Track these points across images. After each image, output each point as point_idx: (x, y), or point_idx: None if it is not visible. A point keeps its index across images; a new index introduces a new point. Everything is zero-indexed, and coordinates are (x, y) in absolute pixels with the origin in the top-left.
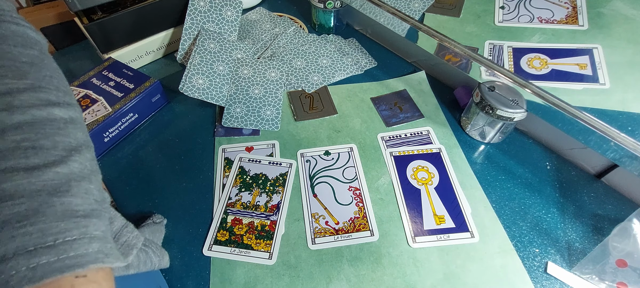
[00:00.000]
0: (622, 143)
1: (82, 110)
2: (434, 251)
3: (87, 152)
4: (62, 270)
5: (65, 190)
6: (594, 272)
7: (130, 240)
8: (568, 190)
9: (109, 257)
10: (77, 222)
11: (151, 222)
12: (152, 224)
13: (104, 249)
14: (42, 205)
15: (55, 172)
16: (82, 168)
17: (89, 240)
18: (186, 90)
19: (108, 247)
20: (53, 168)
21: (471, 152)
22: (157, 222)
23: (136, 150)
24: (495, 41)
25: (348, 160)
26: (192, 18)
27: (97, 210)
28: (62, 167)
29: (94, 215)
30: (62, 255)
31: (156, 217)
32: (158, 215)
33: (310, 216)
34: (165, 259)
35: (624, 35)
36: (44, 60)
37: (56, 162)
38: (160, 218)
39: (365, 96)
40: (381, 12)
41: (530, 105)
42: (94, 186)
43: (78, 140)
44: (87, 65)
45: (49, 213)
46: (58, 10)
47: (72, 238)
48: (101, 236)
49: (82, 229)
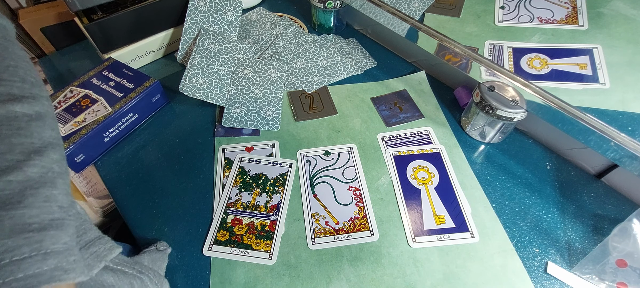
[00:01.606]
0: (622, 143)
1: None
2: (434, 251)
3: (53, 153)
4: None
5: (17, 202)
6: (594, 272)
7: (100, 251)
8: (568, 190)
9: (69, 273)
10: (28, 237)
11: (154, 249)
12: (155, 251)
13: (62, 265)
14: None
15: (6, 182)
16: (44, 173)
17: (43, 257)
18: (186, 90)
19: (70, 261)
20: (4, 176)
21: (471, 152)
22: (160, 249)
23: (136, 150)
24: (495, 41)
25: (348, 160)
26: (192, 18)
27: (58, 220)
28: (16, 174)
29: (53, 227)
30: (8, 277)
31: (160, 244)
32: (163, 243)
33: (310, 216)
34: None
35: (624, 35)
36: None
37: (9, 168)
38: (165, 246)
39: (365, 96)
40: (381, 12)
41: (530, 105)
42: (59, 191)
43: (43, 139)
44: (87, 65)
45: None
46: (58, 10)
47: (22, 257)
48: (60, 250)
49: (35, 245)
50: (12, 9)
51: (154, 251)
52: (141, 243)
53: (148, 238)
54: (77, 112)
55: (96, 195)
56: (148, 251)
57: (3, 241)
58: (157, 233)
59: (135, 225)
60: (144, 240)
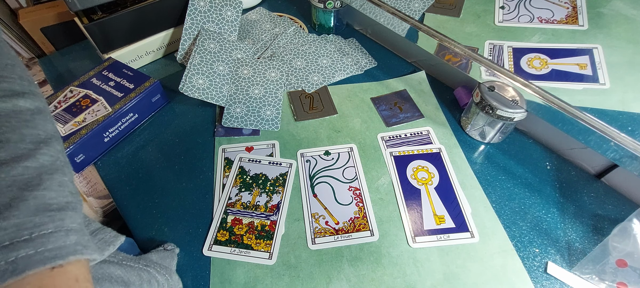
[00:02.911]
0: (622, 143)
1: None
2: (434, 251)
3: (57, 144)
4: (44, 262)
5: (37, 184)
6: (594, 272)
7: (107, 237)
8: (568, 190)
9: (87, 249)
10: (52, 215)
11: (161, 249)
12: (163, 251)
13: (82, 241)
14: (14, 200)
15: (24, 167)
16: (54, 161)
17: (66, 232)
18: (186, 90)
19: (85, 240)
20: (22, 162)
21: (471, 152)
22: (168, 249)
23: (136, 150)
24: (495, 41)
25: (348, 160)
26: (192, 18)
27: (72, 203)
28: (32, 161)
29: (70, 208)
30: (41, 248)
31: (168, 245)
32: (170, 244)
33: (310, 216)
34: (174, 278)
35: (624, 35)
36: (2, 47)
37: (25, 155)
38: (172, 246)
39: (365, 96)
40: (381, 12)
41: (530, 105)
42: (68, 178)
43: (47, 131)
44: (87, 65)
45: (22, 208)
46: (58, 10)
47: (48, 231)
48: (78, 229)
49: (58, 222)
50: (12, 9)
51: (161, 251)
52: (141, 243)
53: (148, 239)
54: (77, 112)
55: (96, 195)
56: (155, 251)
57: (30, 218)
58: (157, 233)
59: (135, 225)
60: (144, 240)
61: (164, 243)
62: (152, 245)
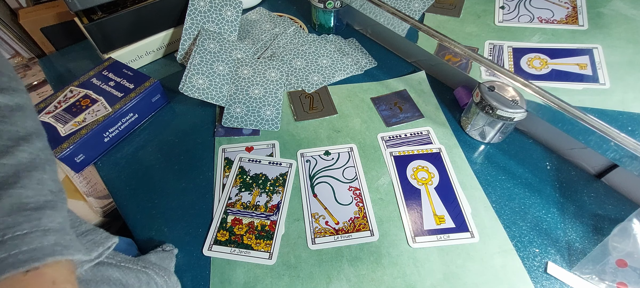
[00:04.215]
0: (622, 143)
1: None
2: (434, 251)
3: (38, 141)
4: (16, 265)
5: (13, 182)
6: (594, 272)
7: (97, 238)
8: (568, 190)
9: (68, 249)
10: (27, 215)
11: (160, 250)
12: (161, 252)
13: (62, 241)
14: None
15: (0, 164)
16: (32, 159)
17: (43, 233)
18: (186, 90)
19: (67, 239)
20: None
21: (471, 152)
22: (166, 250)
23: (136, 150)
24: (495, 41)
25: (348, 160)
26: (192, 18)
27: (52, 202)
28: (9, 158)
29: (49, 207)
30: (14, 250)
31: (166, 246)
32: (168, 245)
33: (310, 216)
34: (172, 280)
35: (624, 35)
36: None
37: (1, 152)
38: (170, 247)
39: (365, 96)
40: (381, 12)
41: (530, 105)
42: (48, 176)
43: (27, 128)
44: (87, 65)
45: None
46: (58, 10)
47: (23, 232)
48: (57, 228)
49: (35, 222)
50: (12, 9)
51: (160, 251)
52: (141, 243)
53: (148, 239)
54: (77, 112)
55: (96, 195)
56: (154, 251)
57: (3, 218)
58: (157, 233)
59: (135, 225)
60: (144, 240)
61: (164, 243)
62: (151, 245)
